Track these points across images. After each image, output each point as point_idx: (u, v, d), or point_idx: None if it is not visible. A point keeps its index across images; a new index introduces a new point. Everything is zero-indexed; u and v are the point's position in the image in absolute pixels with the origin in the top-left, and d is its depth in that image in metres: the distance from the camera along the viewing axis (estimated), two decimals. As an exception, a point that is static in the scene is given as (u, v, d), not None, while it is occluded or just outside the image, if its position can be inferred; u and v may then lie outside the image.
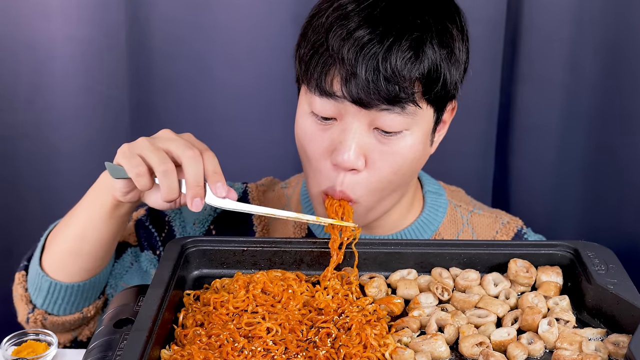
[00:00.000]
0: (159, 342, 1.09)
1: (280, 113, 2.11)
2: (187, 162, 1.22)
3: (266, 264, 1.29)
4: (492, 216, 1.59)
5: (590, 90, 2.02)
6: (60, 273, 1.42)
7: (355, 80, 1.25)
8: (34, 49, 2.02)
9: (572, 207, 2.14)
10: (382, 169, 1.32)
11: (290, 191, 1.61)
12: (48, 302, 1.43)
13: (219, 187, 1.23)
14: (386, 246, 1.29)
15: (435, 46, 1.28)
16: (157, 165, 1.22)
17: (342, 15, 1.28)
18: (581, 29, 1.97)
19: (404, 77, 1.26)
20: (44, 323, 1.45)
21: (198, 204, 1.22)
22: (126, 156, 1.25)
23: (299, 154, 1.40)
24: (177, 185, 1.23)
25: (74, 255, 1.40)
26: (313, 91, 1.31)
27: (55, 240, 1.43)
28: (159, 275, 1.17)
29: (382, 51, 1.25)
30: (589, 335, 1.13)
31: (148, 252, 1.55)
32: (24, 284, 1.46)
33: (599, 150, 2.08)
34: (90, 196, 1.39)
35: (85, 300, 1.45)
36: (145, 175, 1.23)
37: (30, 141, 2.10)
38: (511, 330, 1.14)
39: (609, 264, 1.22)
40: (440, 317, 1.17)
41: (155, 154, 1.23)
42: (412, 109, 1.29)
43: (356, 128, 1.29)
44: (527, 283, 1.25)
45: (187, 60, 2.07)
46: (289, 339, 1.11)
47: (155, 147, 1.24)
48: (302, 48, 1.34)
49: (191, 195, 1.22)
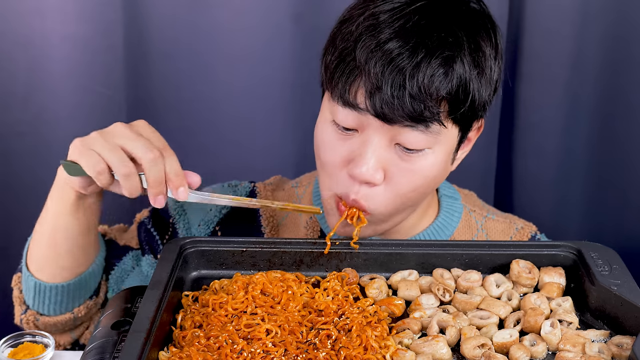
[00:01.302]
0: (157, 344, 1.09)
1: (279, 112, 2.11)
2: (147, 165, 1.23)
3: (265, 265, 1.29)
4: (506, 221, 1.59)
5: (593, 87, 2.03)
6: (42, 274, 1.43)
7: (379, 94, 1.23)
8: (30, 47, 2.02)
9: (575, 206, 2.15)
10: (400, 184, 1.31)
11: (302, 190, 1.60)
12: (37, 302, 1.43)
13: (180, 192, 1.26)
14: (387, 247, 1.29)
15: (466, 65, 1.25)
16: (117, 167, 1.23)
17: (373, 25, 1.26)
18: (584, 26, 1.97)
19: (430, 96, 1.23)
20: (36, 324, 1.45)
21: (161, 201, 1.25)
22: (83, 154, 1.25)
23: (315, 158, 1.39)
24: (140, 185, 1.25)
25: (50, 255, 1.41)
26: (336, 100, 1.29)
27: (33, 241, 1.44)
28: (157, 276, 1.17)
29: (410, 67, 1.22)
30: (592, 337, 1.14)
31: (149, 257, 1.54)
32: (19, 285, 1.47)
33: (603, 148, 2.08)
34: (53, 194, 1.39)
35: (74, 300, 1.45)
36: (105, 173, 1.24)
37: (26, 140, 2.10)
38: (513, 331, 1.14)
39: (612, 264, 1.22)
40: (442, 318, 1.17)
41: (114, 155, 1.23)
42: (437, 128, 1.26)
43: (377, 142, 1.28)
44: (529, 284, 1.25)
45: (185, 59, 2.07)
46: (288, 341, 1.11)
47: (112, 146, 1.24)
48: (328, 54, 1.32)
49: (154, 193, 1.25)
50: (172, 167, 1.25)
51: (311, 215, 1.54)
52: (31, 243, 1.44)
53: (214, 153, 2.16)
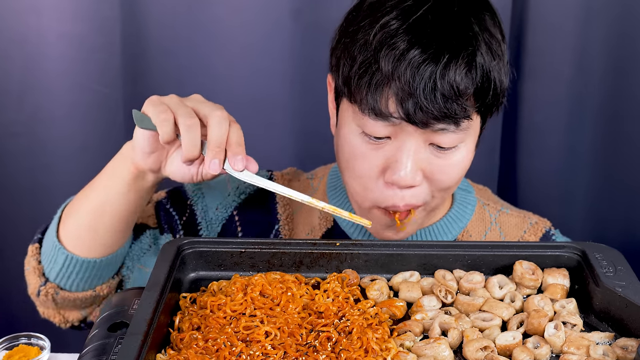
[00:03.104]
0: (155, 347, 1.09)
1: (278, 109, 2.11)
2: (213, 121, 1.23)
3: (265, 266, 1.29)
4: (520, 216, 1.61)
5: (598, 85, 2.03)
6: (77, 247, 1.43)
7: (412, 100, 1.26)
8: (25, 45, 2.02)
9: (579, 206, 2.15)
10: (440, 180, 1.36)
11: (317, 183, 1.63)
12: (62, 276, 1.44)
13: (238, 160, 1.24)
14: (388, 247, 1.29)
15: (485, 55, 1.30)
16: (182, 117, 1.24)
17: (389, 34, 1.28)
18: (587, 22, 1.97)
19: (462, 94, 1.28)
20: (54, 297, 1.46)
21: (216, 165, 1.23)
22: (154, 103, 1.27)
23: (341, 167, 1.42)
24: (199, 143, 1.24)
25: (92, 230, 1.41)
26: (367, 113, 1.31)
27: (73, 214, 1.44)
28: (154, 278, 1.17)
29: (439, 69, 1.26)
30: (596, 339, 1.14)
31: (168, 235, 1.56)
32: (37, 256, 1.47)
33: (608, 146, 2.08)
34: (109, 169, 1.40)
35: (99, 278, 1.46)
36: (169, 122, 1.24)
37: (21, 140, 2.10)
38: (517, 334, 1.14)
39: (617, 265, 1.22)
40: (444, 320, 1.17)
41: (182, 108, 1.25)
42: (466, 124, 1.32)
43: (411, 146, 1.32)
44: (533, 285, 1.25)
45: (183, 56, 2.07)
46: (288, 343, 1.11)
47: (183, 103, 1.26)
48: (345, 66, 1.34)
49: (211, 156, 1.23)
50: (236, 133, 1.25)
51: None
52: (70, 217, 1.44)
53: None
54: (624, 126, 2.05)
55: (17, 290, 2.23)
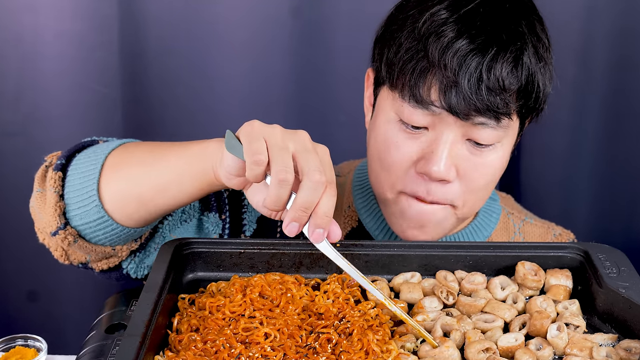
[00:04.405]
0: (153, 348, 1.09)
1: (278, 107, 2.11)
2: (307, 185, 1.10)
3: (264, 267, 1.29)
4: (544, 226, 1.62)
5: (601, 84, 2.03)
6: (116, 212, 1.31)
7: (456, 89, 1.26)
8: (22, 44, 2.02)
9: (583, 207, 2.15)
10: (473, 180, 1.35)
11: (342, 180, 1.61)
12: (88, 227, 1.33)
13: (317, 233, 1.12)
14: (389, 248, 1.29)
15: (531, 56, 1.30)
16: (278, 168, 1.10)
17: (438, 23, 1.29)
18: (590, 21, 1.97)
19: (506, 89, 1.28)
20: (70, 243, 1.35)
21: (294, 229, 1.11)
22: (252, 137, 1.12)
23: (372, 158, 1.41)
24: (287, 199, 1.12)
25: (142, 203, 1.30)
26: (406, 99, 1.31)
27: (125, 177, 1.31)
28: (152, 279, 1.17)
29: (485, 61, 1.26)
30: (599, 341, 1.14)
31: (215, 215, 1.49)
32: (59, 188, 1.33)
33: (611, 146, 2.08)
34: (192, 156, 1.26)
35: (124, 240, 1.37)
36: (261, 167, 1.11)
37: (17, 141, 2.10)
38: (519, 335, 1.14)
39: (620, 266, 1.22)
40: (445, 322, 1.17)
41: (282, 156, 1.10)
42: (506, 122, 1.31)
43: (449, 139, 1.31)
44: (535, 286, 1.25)
45: (182, 55, 2.08)
46: (287, 345, 1.11)
47: (285, 147, 1.11)
48: (390, 51, 1.34)
49: (291, 217, 1.11)
50: (327, 203, 1.11)
51: (349, 204, 1.56)
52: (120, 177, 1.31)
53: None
54: (627, 124, 2.05)
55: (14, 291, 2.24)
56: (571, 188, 2.13)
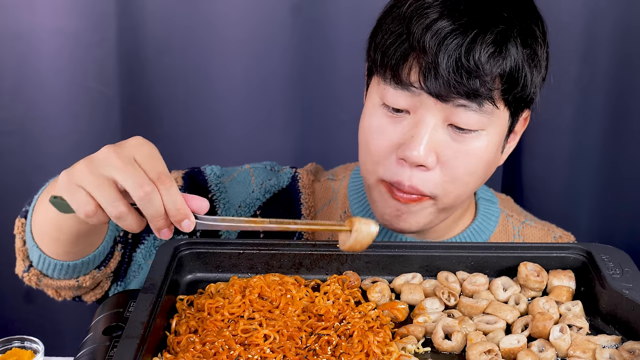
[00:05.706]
0: (151, 350, 1.09)
1: (277, 106, 2.11)
2: (140, 203, 1.09)
3: (263, 268, 1.29)
4: (544, 229, 1.61)
5: (604, 84, 2.03)
6: (45, 248, 1.37)
7: (435, 71, 1.26)
8: (18, 42, 2.02)
9: (586, 208, 2.15)
10: (455, 168, 1.34)
11: (337, 185, 1.62)
12: (41, 265, 1.39)
13: (184, 225, 1.12)
14: (390, 249, 1.29)
15: (519, 45, 1.30)
16: (107, 209, 1.10)
17: (424, 5, 1.29)
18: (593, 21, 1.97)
19: (486, 72, 1.27)
20: (38, 284, 1.42)
21: (167, 234, 1.13)
22: (71, 192, 1.11)
23: (360, 147, 1.41)
24: (139, 221, 1.12)
25: (53, 239, 1.35)
26: (388, 82, 1.32)
27: (37, 213, 1.36)
28: (150, 280, 1.17)
29: (465, 43, 1.26)
30: (603, 343, 1.14)
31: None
32: (22, 234, 1.40)
33: (614, 147, 2.08)
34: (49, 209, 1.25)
35: (80, 272, 1.42)
36: (96, 214, 1.10)
37: (14, 139, 2.10)
38: (521, 337, 1.14)
39: (624, 267, 1.22)
40: (447, 323, 1.17)
41: (102, 192, 1.09)
42: (490, 107, 1.30)
43: (430, 122, 1.31)
44: (537, 287, 1.25)
45: (180, 53, 2.08)
46: (287, 347, 1.11)
47: (101, 180, 1.09)
48: (378, 37, 1.35)
49: (155, 228, 1.13)
50: (171, 199, 1.10)
51: (345, 210, 1.56)
52: (37, 213, 1.35)
53: (210, 149, 2.16)
54: (630, 124, 2.05)
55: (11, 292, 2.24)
56: (573, 189, 2.13)
